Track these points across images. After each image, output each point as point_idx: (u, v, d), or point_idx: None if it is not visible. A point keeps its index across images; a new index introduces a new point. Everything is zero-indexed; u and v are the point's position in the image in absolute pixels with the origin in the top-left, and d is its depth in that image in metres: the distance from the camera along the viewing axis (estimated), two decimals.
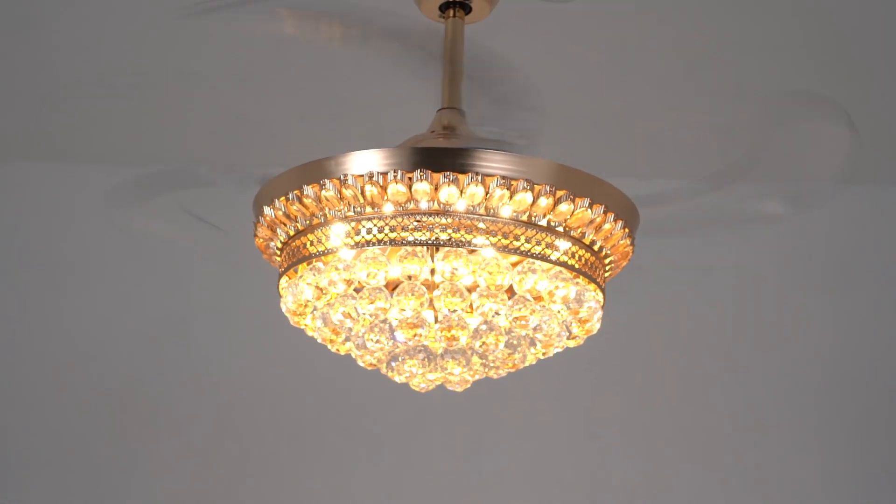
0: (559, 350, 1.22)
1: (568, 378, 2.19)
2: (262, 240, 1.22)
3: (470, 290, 1.13)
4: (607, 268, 1.22)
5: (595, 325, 1.21)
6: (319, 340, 1.23)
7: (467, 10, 1.32)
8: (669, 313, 2.28)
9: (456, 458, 2.24)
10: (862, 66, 1.76)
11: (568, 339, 1.22)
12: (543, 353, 1.22)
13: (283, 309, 1.22)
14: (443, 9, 1.32)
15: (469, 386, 1.23)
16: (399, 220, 1.10)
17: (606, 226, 1.16)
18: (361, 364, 1.22)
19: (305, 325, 1.23)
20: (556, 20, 1.70)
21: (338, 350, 1.23)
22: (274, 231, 1.19)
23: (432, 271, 1.13)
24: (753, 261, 2.27)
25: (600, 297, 1.21)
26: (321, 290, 1.15)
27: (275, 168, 1.19)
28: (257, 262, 1.33)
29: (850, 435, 2.23)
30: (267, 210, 1.17)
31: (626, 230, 1.19)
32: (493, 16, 1.34)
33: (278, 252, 1.22)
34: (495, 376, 1.23)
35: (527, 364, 1.22)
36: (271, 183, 1.17)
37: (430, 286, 1.14)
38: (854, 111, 1.35)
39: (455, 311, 1.12)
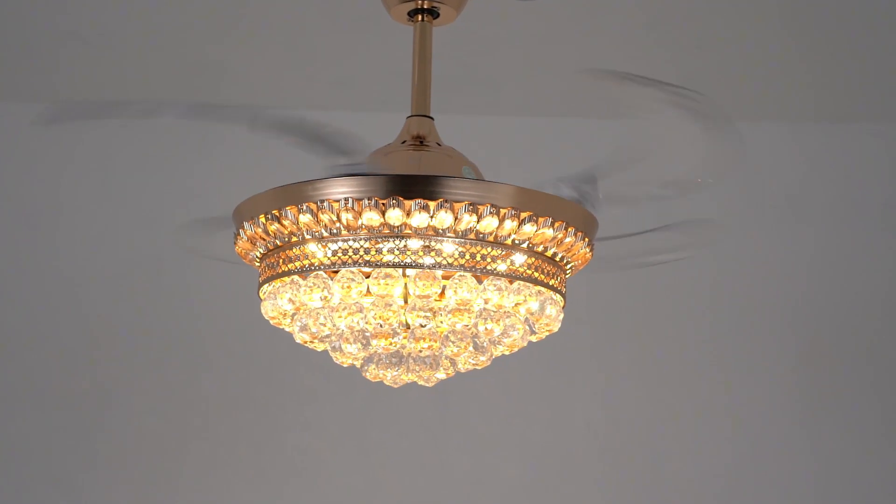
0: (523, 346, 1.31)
1: None
2: (242, 250, 1.28)
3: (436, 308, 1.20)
4: (567, 271, 1.30)
5: (556, 326, 1.29)
6: (298, 341, 1.30)
7: (435, 15, 1.36)
8: None
9: (423, 391, 2.33)
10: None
11: (530, 335, 1.31)
12: (508, 351, 1.30)
13: (263, 313, 1.29)
14: (411, 14, 1.36)
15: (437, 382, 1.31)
16: (373, 242, 1.17)
17: (567, 239, 1.23)
18: (337, 362, 1.30)
19: (284, 325, 1.30)
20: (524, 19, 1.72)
21: (314, 347, 1.31)
22: (254, 244, 1.25)
23: (405, 292, 1.20)
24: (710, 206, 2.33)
25: (561, 301, 1.29)
26: (298, 304, 1.22)
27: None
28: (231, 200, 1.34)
29: (809, 359, 2.30)
30: (247, 226, 1.23)
31: (586, 239, 1.26)
32: (460, 19, 1.39)
33: (258, 261, 1.29)
34: (463, 370, 1.31)
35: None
36: (252, 200, 1.22)
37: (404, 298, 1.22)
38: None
39: (425, 325, 1.19)
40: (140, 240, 2.29)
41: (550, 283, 1.24)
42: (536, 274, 1.22)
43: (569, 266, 1.28)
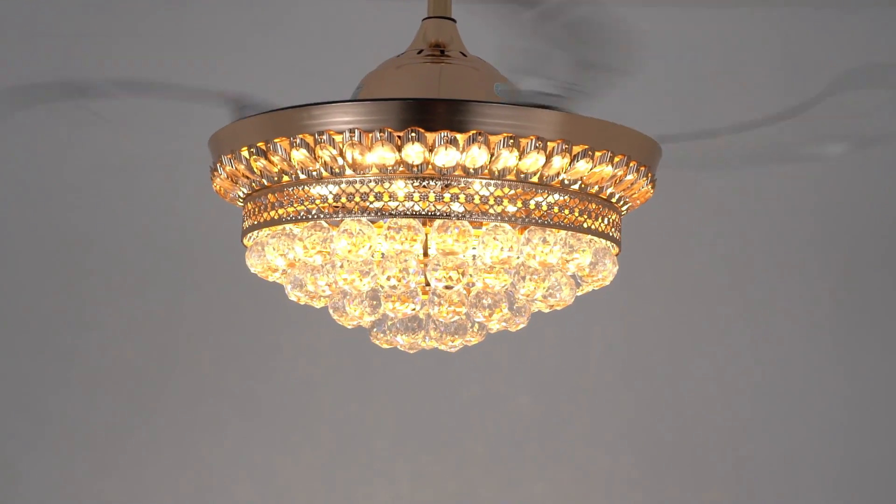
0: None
1: None
2: (220, 188, 1.04)
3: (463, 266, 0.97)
4: (624, 212, 1.07)
5: (610, 279, 1.07)
6: (292, 299, 1.07)
7: None
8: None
9: None
10: None
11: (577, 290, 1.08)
12: (548, 309, 1.08)
13: (249, 265, 1.06)
14: None
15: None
16: (386, 185, 0.94)
17: (629, 177, 1.00)
18: (339, 324, 1.07)
19: (274, 279, 1.08)
20: None
21: (311, 304, 1.08)
22: (235, 182, 1.01)
23: (425, 246, 0.97)
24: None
25: (615, 249, 1.07)
26: (292, 262, 0.98)
27: None
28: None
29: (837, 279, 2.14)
30: (226, 160, 0.99)
31: (649, 175, 1.03)
32: None
33: (240, 201, 1.05)
34: (493, 331, 1.10)
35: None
36: (232, 129, 0.98)
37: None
38: None
39: (451, 287, 0.96)
40: (117, 145, 2.08)
41: (605, 231, 1.01)
42: (588, 221, 0.99)
43: (625, 207, 1.05)
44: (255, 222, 1.01)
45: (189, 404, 2.07)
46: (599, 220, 1.00)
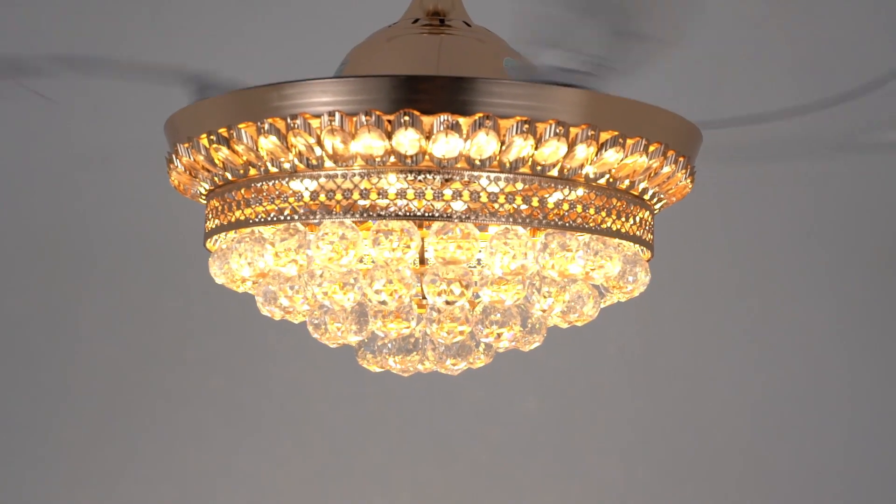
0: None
1: None
2: (178, 182, 0.90)
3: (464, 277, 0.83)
4: (657, 210, 0.93)
5: (640, 290, 0.92)
6: (264, 313, 0.92)
7: None
8: None
9: None
10: None
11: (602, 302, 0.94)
12: (567, 325, 0.94)
13: (212, 274, 0.91)
14: None
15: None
16: (374, 180, 0.79)
17: (665, 169, 0.86)
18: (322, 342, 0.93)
19: (243, 290, 0.94)
20: None
21: (289, 319, 0.94)
22: (194, 176, 0.86)
23: (422, 253, 0.82)
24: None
25: (647, 255, 0.92)
26: (261, 272, 0.84)
27: None
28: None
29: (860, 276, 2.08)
30: (183, 150, 0.84)
31: (689, 167, 0.89)
32: None
33: (202, 198, 0.90)
34: (502, 351, 0.96)
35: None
36: (189, 112, 0.84)
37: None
38: None
39: (452, 303, 0.82)
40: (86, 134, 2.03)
41: (637, 234, 0.86)
42: (617, 223, 0.85)
43: (659, 204, 0.91)
44: (219, 224, 0.86)
45: (171, 410, 2.03)
46: (630, 220, 0.86)
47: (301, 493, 2.02)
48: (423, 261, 0.85)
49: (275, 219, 0.81)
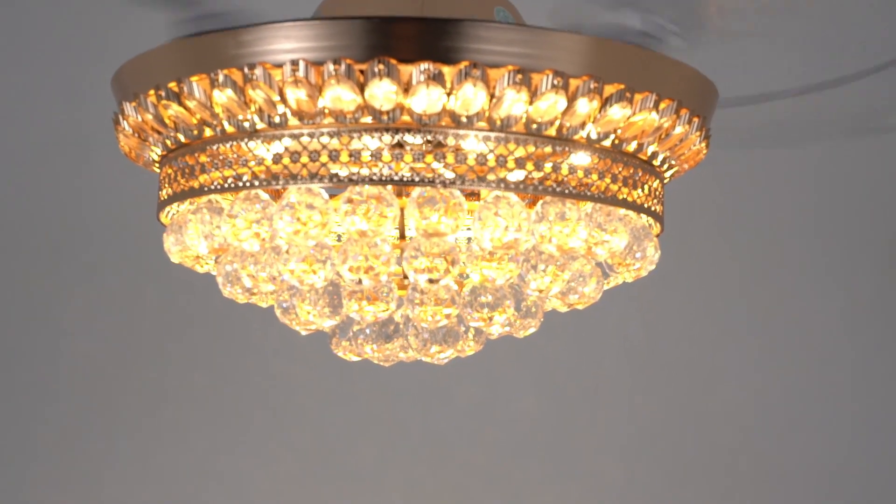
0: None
1: None
2: (128, 147, 0.80)
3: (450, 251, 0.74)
4: (667, 178, 0.83)
5: (649, 268, 0.84)
6: (226, 295, 0.84)
7: None
8: None
9: None
10: None
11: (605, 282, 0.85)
12: (566, 308, 0.85)
13: (166, 251, 0.82)
14: None
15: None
16: (345, 141, 0.70)
17: (678, 129, 0.76)
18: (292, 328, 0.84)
19: (201, 267, 0.85)
20: None
21: (254, 302, 0.85)
22: (143, 138, 0.77)
23: (401, 225, 0.73)
24: None
25: (657, 228, 0.83)
26: (220, 247, 0.75)
27: None
28: None
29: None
30: (129, 108, 0.75)
31: (704, 129, 0.79)
32: None
33: (155, 165, 0.81)
34: (495, 337, 0.87)
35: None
36: (135, 63, 0.74)
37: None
38: None
39: (436, 281, 0.72)
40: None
41: (646, 204, 0.77)
42: (624, 190, 0.75)
43: (669, 172, 0.82)
44: (172, 193, 0.77)
45: (151, 408, 1.98)
46: (638, 188, 0.77)
47: (289, 493, 1.98)
48: (402, 235, 0.76)
49: (233, 186, 0.72)
